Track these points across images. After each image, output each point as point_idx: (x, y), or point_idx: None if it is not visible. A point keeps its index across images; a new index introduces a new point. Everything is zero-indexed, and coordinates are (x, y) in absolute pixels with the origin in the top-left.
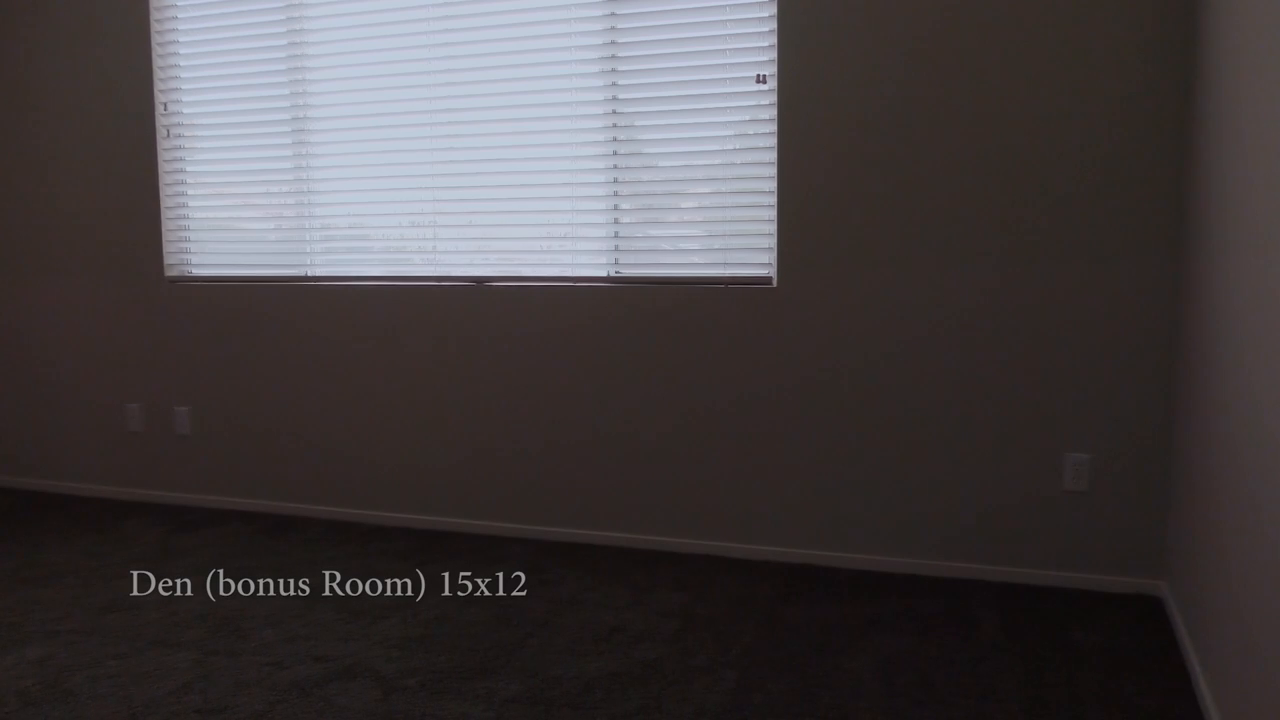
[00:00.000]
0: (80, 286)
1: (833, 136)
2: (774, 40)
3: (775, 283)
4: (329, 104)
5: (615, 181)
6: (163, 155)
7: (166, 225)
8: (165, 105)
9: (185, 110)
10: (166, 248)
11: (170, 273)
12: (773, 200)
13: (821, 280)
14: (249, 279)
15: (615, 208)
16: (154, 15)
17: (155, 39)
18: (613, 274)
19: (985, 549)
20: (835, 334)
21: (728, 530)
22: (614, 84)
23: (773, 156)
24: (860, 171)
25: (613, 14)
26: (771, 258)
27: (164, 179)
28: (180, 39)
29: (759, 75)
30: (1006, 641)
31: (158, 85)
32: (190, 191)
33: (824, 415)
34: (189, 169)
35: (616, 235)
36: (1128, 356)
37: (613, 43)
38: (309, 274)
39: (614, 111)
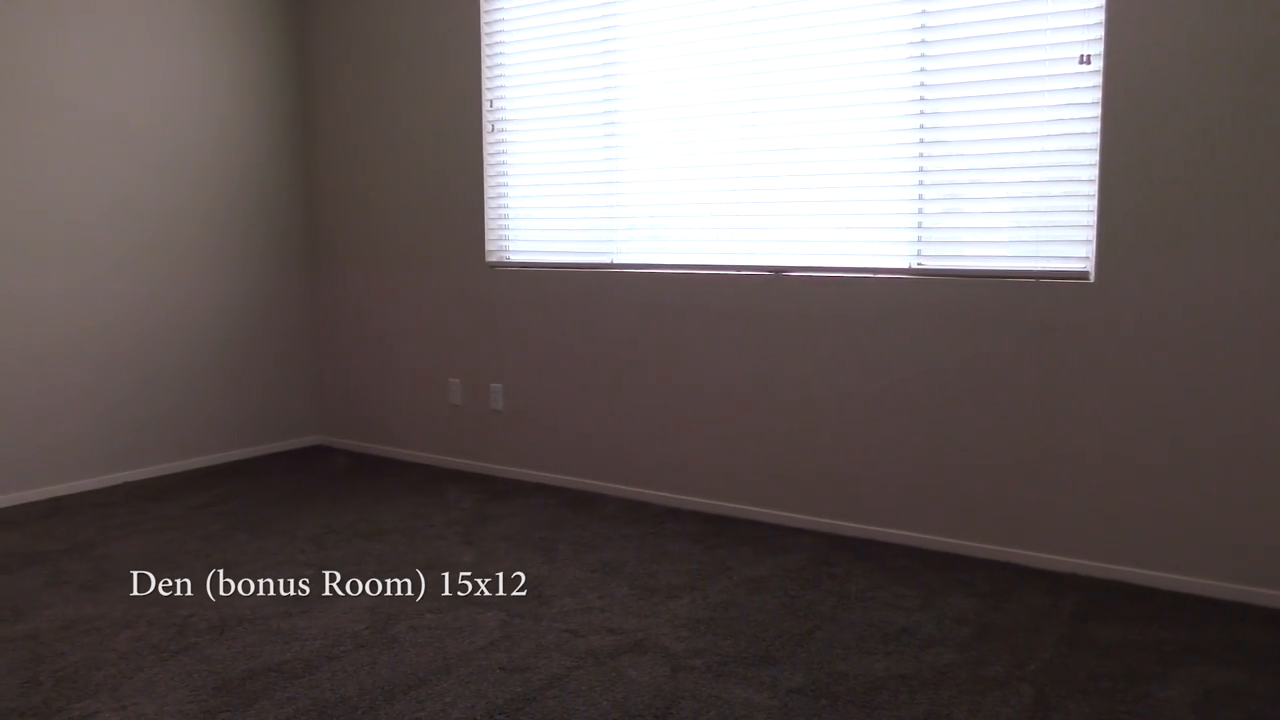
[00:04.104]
0: (414, 272)
1: (1167, 120)
2: (1102, 18)
3: (1093, 278)
4: (637, 97)
5: (920, 170)
6: (487, 149)
7: (489, 214)
8: (491, 102)
9: (508, 106)
10: (488, 235)
11: (490, 259)
12: (1092, 190)
13: (1149, 276)
14: (559, 265)
15: (919, 197)
16: (484, 18)
17: (485, 39)
18: (914, 265)
19: None
20: (1164, 334)
21: (1028, 537)
22: (922, 69)
23: (1094, 143)
24: (1199, 159)
25: None
26: (1089, 251)
27: (488, 171)
28: (505, 38)
29: (1082, 55)
30: None
31: (485, 83)
32: (510, 182)
33: (1145, 421)
34: (509, 161)
35: (920, 225)
36: None
37: (923, 26)
38: (614, 261)
39: (921, 98)
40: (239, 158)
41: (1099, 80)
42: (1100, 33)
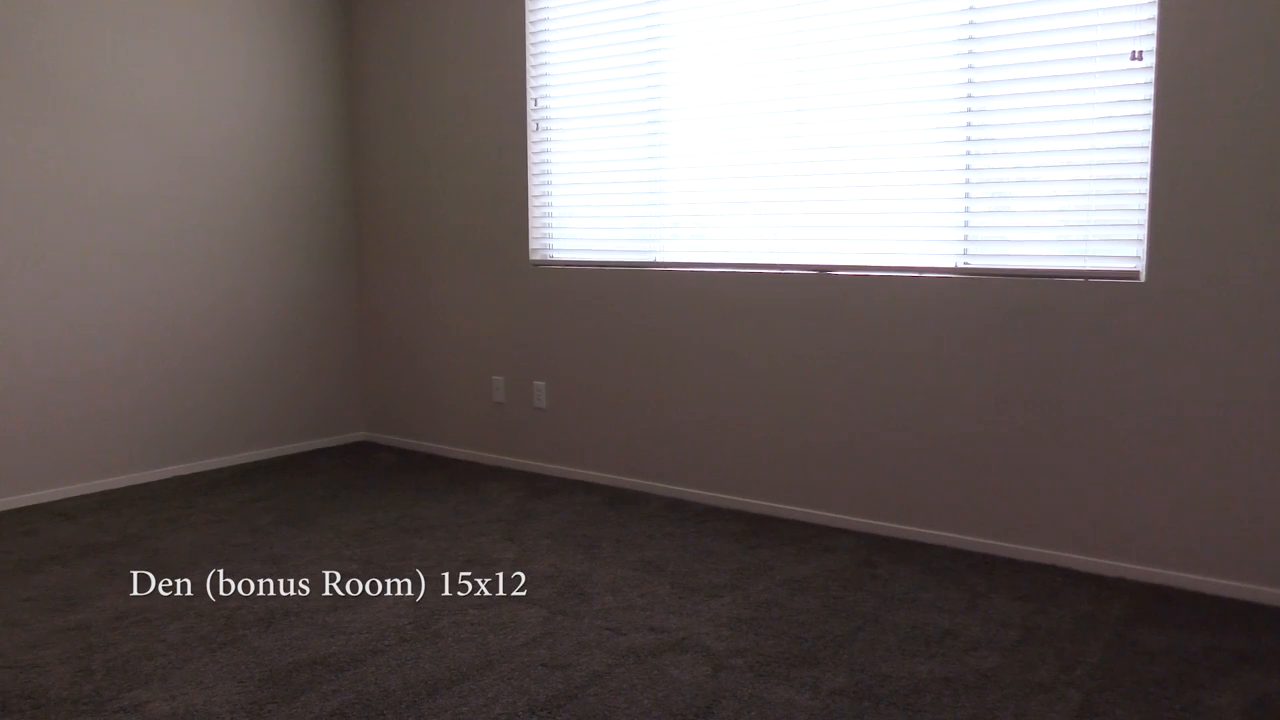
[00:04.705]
0: (458, 270)
1: (1220, 117)
2: (1154, 13)
3: (1143, 277)
4: (681, 95)
5: (968, 168)
6: (531, 148)
7: (533, 212)
8: (535, 101)
9: (552, 104)
10: (532, 233)
11: (534, 257)
12: (1143, 188)
13: (1201, 276)
14: (603, 263)
15: (966, 195)
16: (529, 17)
17: (529, 38)
18: (961, 264)
19: None
20: (1216, 334)
21: (1075, 540)
22: (970, 66)
23: (1145, 140)
24: (1254, 156)
25: None
26: (1140, 250)
27: (531, 169)
28: (550, 37)
29: (1134, 51)
30: None
31: (530, 82)
32: (554, 180)
33: (1197, 423)
34: (553, 159)
35: (966, 224)
36: None
37: (970, 23)
38: (657, 259)
39: (969, 95)
40: (286, 159)
41: (1151, 76)
42: (1152, 28)
